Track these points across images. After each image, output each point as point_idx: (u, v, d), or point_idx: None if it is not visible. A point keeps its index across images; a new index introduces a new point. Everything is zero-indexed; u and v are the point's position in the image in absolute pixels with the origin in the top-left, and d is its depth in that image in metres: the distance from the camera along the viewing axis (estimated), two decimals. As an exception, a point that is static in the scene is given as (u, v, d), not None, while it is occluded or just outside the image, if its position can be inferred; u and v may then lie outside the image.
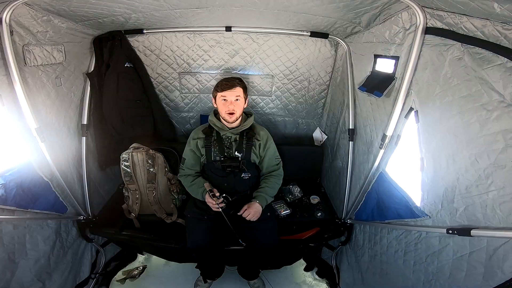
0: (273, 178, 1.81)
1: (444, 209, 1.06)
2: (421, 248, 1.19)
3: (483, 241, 0.90)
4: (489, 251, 0.88)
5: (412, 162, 1.24)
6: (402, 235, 1.32)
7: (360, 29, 1.61)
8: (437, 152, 1.09)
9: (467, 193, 0.96)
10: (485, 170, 0.89)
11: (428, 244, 1.15)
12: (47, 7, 1.32)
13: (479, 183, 0.91)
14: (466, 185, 0.96)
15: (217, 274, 2.04)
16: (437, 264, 1.10)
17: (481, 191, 0.90)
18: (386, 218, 1.45)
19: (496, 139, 0.86)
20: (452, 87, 1.03)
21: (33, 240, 1.47)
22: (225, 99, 1.66)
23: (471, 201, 0.94)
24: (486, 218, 0.89)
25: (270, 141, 1.81)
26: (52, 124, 1.56)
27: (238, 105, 1.68)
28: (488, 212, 0.88)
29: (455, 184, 1.00)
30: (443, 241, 1.08)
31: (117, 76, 1.93)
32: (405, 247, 1.30)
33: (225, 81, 1.69)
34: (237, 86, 1.67)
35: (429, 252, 1.14)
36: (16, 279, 1.37)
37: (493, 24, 0.86)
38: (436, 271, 1.11)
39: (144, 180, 1.89)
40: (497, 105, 0.86)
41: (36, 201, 1.48)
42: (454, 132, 1.01)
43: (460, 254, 1.00)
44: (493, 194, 0.87)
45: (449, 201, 1.03)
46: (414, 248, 1.23)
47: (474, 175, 0.93)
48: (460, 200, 0.99)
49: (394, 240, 1.39)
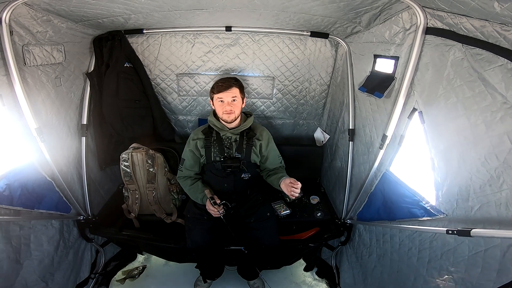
0: (282, 169, 1.84)
1: (459, 208, 1.07)
2: (436, 245, 1.19)
3: (497, 238, 0.91)
4: (503, 248, 0.89)
5: (420, 162, 1.25)
6: (416, 233, 1.32)
7: (360, 29, 1.60)
8: (447, 152, 1.10)
9: (481, 192, 0.96)
10: (496, 170, 0.90)
11: (444, 241, 1.15)
12: (47, 7, 1.32)
13: (491, 182, 0.92)
14: (479, 184, 0.96)
15: (217, 274, 2.04)
16: (453, 260, 1.11)
17: (495, 190, 0.91)
18: (396, 218, 1.45)
19: (502, 140, 0.86)
20: (455, 88, 1.03)
21: (37, 241, 1.47)
22: (222, 100, 1.64)
23: (486, 199, 0.95)
24: (500, 216, 0.90)
25: (272, 141, 1.81)
26: (52, 124, 1.57)
27: (235, 105, 1.66)
28: (502, 210, 0.89)
29: (468, 183, 1.00)
30: (458, 239, 1.08)
31: (116, 76, 1.93)
32: (419, 245, 1.30)
33: (220, 82, 1.65)
34: (233, 87, 1.64)
35: (445, 249, 1.15)
36: (20, 279, 1.37)
37: (492, 25, 0.86)
38: (452, 267, 1.11)
39: (143, 180, 1.89)
40: (501, 106, 0.86)
41: (41, 201, 1.49)
42: (462, 133, 1.01)
43: (475, 251, 1.00)
44: (506, 193, 0.87)
45: (464, 199, 1.04)
46: (429, 246, 1.24)
47: (486, 175, 0.93)
48: (475, 199, 0.99)
49: (407, 239, 1.38)
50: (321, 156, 2.36)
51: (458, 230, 0.98)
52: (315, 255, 2.27)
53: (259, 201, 1.82)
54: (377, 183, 1.58)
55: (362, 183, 1.71)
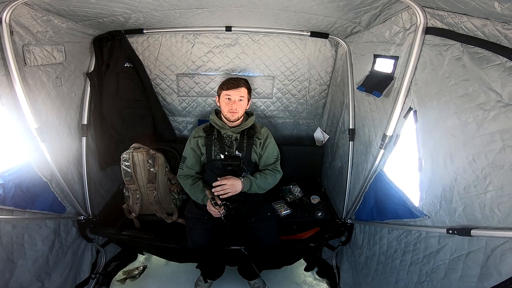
0: (268, 171, 1.78)
1: (443, 209, 1.06)
2: (420, 248, 1.19)
3: (482, 241, 0.90)
4: (487, 252, 0.88)
5: (410, 162, 1.24)
6: (403, 235, 1.32)
7: (360, 29, 1.61)
8: (435, 152, 1.09)
9: (465, 193, 0.96)
10: (482, 170, 0.89)
11: (427, 244, 1.15)
12: (47, 7, 1.32)
13: (477, 183, 0.91)
14: (464, 185, 0.96)
15: (218, 274, 2.04)
16: (433, 264, 1.10)
17: (480, 191, 0.90)
18: (385, 218, 1.45)
19: (494, 139, 0.86)
20: (449, 86, 1.03)
21: (31, 240, 1.47)
22: (230, 98, 1.67)
23: (470, 201, 0.94)
24: (485, 218, 0.89)
25: (270, 139, 1.81)
26: (52, 124, 1.57)
27: (241, 106, 1.68)
28: (487, 212, 0.88)
29: (453, 184, 1.00)
30: (442, 241, 1.08)
31: (117, 76, 1.93)
32: (404, 247, 1.30)
33: (231, 80, 1.69)
34: (242, 86, 1.68)
35: (427, 252, 1.14)
36: (15, 279, 1.37)
37: (493, 24, 0.86)
38: (431, 271, 1.11)
39: (144, 180, 1.89)
40: (494, 104, 0.86)
41: (34, 201, 1.48)
42: (452, 132, 1.01)
43: (457, 254, 1.00)
44: (491, 194, 0.87)
45: (448, 201, 1.03)
46: (413, 248, 1.23)
47: (472, 175, 0.93)
48: (458, 200, 0.99)
49: (394, 240, 1.39)
50: (321, 156, 2.36)
51: (459, 229, 0.98)
52: (316, 255, 2.27)
53: (259, 201, 1.82)
54: (371, 183, 1.58)
55: (361, 183, 1.71)
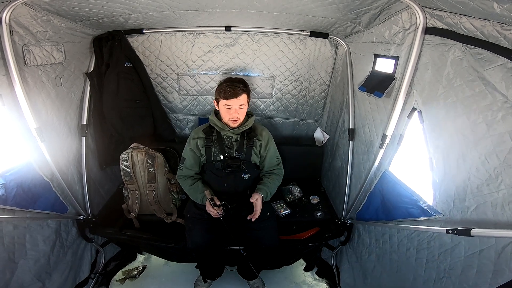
0: (274, 175, 1.81)
1: (456, 208, 1.07)
2: (434, 246, 1.20)
3: (492, 239, 0.91)
4: (498, 249, 0.89)
5: (419, 161, 1.25)
6: (415, 233, 1.33)
7: (360, 29, 1.61)
8: (446, 152, 1.10)
9: (478, 192, 0.96)
10: (495, 170, 0.89)
11: (441, 242, 1.15)
12: (47, 7, 1.33)
13: (489, 182, 0.92)
14: (477, 184, 0.96)
15: (217, 274, 2.04)
16: (450, 261, 1.11)
17: (492, 190, 0.91)
18: (394, 218, 1.45)
19: (503, 140, 0.86)
20: (455, 87, 1.03)
21: (33, 240, 1.47)
22: (230, 107, 1.63)
23: (482, 199, 0.95)
24: (496, 217, 0.90)
25: (271, 141, 1.81)
26: (52, 124, 1.57)
27: (242, 112, 1.67)
28: (498, 210, 0.89)
29: (466, 183, 1.00)
30: (455, 239, 1.08)
31: (116, 76, 1.93)
32: (417, 245, 1.30)
33: (228, 87, 1.60)
34: (241, 94, 1.61)
35: (442, 250, 1.15)
36: (15, 278, 1.37)
37: (492, 24, 0.86)
38: (449, 268, 1.12)
39: (144, 180, 1.89)
40: (501, 105, 0.86)
41: (36, 201, 1.48)
42: (462, 132, 1.01)
43: (471, 252, 1.00)
44: (503, 193, 0.87)
45: (461, 199, 1.04)
46: (427, 246, 1.24)
47: (485, 174, 0.93)
48: (471, 199, 0.99)
49: (405, 239, 1.39)
50: (321, 156, 2.36)
51: (458, 229, 0.98)
52: (315, 255, 2.27)
53: (259, 201, 1.82)
54: (376, 183, 1.58)
55: (362, 183, 1.71)
